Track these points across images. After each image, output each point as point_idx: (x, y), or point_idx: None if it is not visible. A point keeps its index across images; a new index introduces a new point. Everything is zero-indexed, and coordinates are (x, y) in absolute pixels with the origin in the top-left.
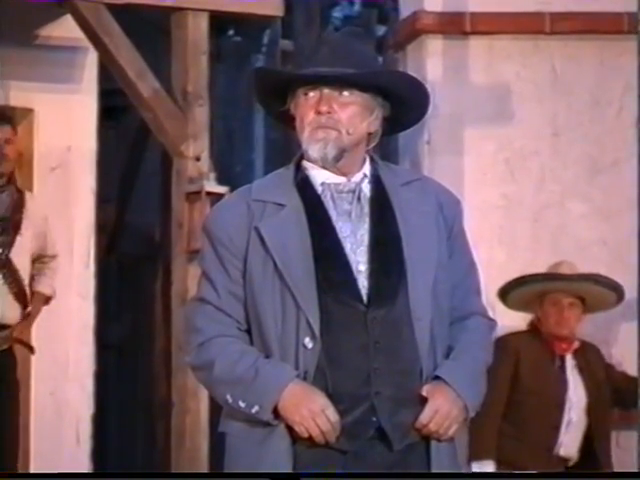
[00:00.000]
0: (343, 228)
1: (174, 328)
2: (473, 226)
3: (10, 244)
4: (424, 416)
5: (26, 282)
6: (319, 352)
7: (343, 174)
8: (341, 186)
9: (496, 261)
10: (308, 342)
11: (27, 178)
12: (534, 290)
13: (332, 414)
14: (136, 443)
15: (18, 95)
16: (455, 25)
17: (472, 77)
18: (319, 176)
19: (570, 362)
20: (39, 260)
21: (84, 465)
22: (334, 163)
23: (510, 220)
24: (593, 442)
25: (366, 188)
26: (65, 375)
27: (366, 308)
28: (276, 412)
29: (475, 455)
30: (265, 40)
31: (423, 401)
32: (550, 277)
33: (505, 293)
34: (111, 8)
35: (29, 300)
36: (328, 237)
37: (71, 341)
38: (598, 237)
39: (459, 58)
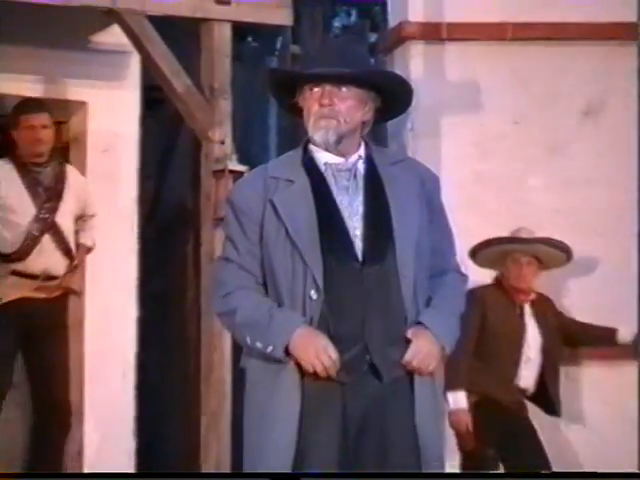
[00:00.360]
0: (342, 200)
1: (203, 281)
2: (449, 198)
3: (55, 209)
4: (408, 354)
5: (70, 239)
6: (322, 302)
7: (342, 155)
8: (340, 165)
9: (468, 226)
10: (313, 294)
11: (82, 158)
12: (498, 251)
13: (333, 352)
14: (172, 377)
15: (74, 90)
16: (434, 33)
17: (448, 75)
18: (322, 157)
19: (528, 310)
20: (81, 219)
21: (129, 395)
22: (335, 146)
23: (480, 192)
24: (545, 375)
25: (361, 167)
26: (114, 319)
27: (361, 266)
28: (287, 351)
29: (450, 386)
30: (278, 45)
31: (408, 342)
32: (511, 240)
33: (474, 253)
34: (151, 18)
35: (74, 254)
36: (330, 208)
37: (119, 290)
38: (552, 207)
39: (437, 60)
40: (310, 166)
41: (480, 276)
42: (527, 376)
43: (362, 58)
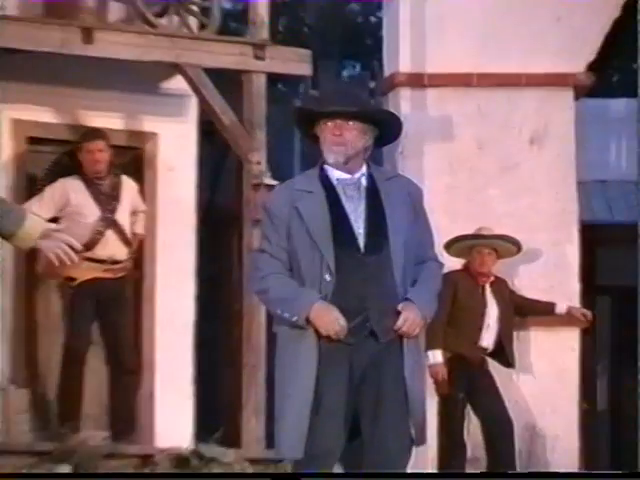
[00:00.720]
0: (349, 206)
1: (244, 267)
2: (429, 204)
3: (114, 210)
4: (399, 322)
5: (128, 231)
6: (334, 283)
7: (349, 172)
8: (348, 180)
9: (442, 226)
10: (327, 277)
11: (154, 175)
12: (466, 244)
13: (342, 321)
14: (221, 339)
15: (148, 124)
16: (417, 81)
17: (429, 112)
18: (334, 174)
19: (488, 289)
20: (134, 214)
21: (189, 353)
22: (343, 166)
23: (452, 200)
24: (502, 338)
25: (363, 181)
26: (178, 296)
27: (363, 256)
28: (307, 320)
29: (429, 346)
30: (301, 89)
31: (398, 313)
32: (475, 236)
33: (448, 246)
34: (205, 70)
35: (132, 242)
36: (339, 212)
37: (182, 274)
38: (506, 210)
39: (420, 101)
40: (325, 181)
41: (452, 263)
42: (488, 338)
43: (364, 99)
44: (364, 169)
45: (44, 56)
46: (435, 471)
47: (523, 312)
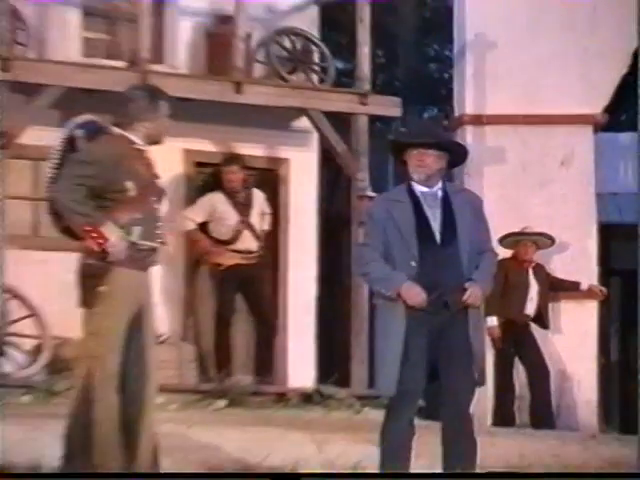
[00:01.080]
0: (428, 212)
1: (352, 255)
2: (487, 209)
3: (248, 215)
4: (466, 295)
5: (258, 229)
6: (417, 268)
7: (429, 187)
8: (428, 192)
9: (497, 226)
10: (413, 263)
11: (287, 190)
12: (514, 239)
13: (424, 295)
14: (334, 308)
15: (282, 152)
16: (478, 120)
17: (487, 143)
18: (418, 188)
19: (530, 272)
20: (262, 216)
21: (312, 317)
22: (425, 182)
23: (504, 207)
24: (540, 307)
25: (439, 193)
26: (303, 276)
27: (439, 248)
28: (398, 295)
29: (487, 313)
30: (393, 127)
31: (464, 290)
32: (521, 234)
33: (501, 241)
34: (323, 112)
35: (261, 236)
36: (422, 217)
37: (306, 261)
38: (543, 214)
39: (480, 135)
40: (411, 193)
41: (504, 253)
42: (530, 307)
43: (439, 133)
44: (440, 184)
45: (206, 103)
46: (489, 420)
47: (556, 288)
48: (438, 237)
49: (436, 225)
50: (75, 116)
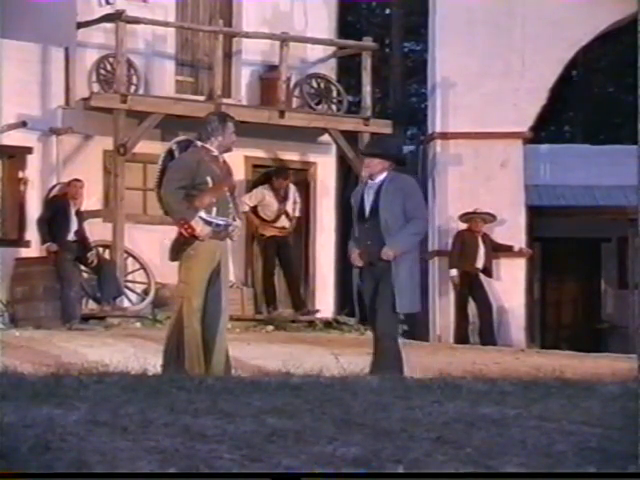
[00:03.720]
0: (366, 197)
1: None
2: (450, 196)
3: (285, 204)
4: (382, 254)
5: (291, 214)
6: (357, 236)
7: (372, 180)
8: (371, 184)
9: (457, 208)
10: (356, 234)
11: (315, 187)
12: (468, 217)
13: (356, 256)
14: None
15: (312, 159)
16: (445, 136)
17: (450, 152)
18: (368, 181)
19: (480, 239)
20: (294, 204)
21: (331, 274)
22: (370, 178)
23: (461, 195)
24: (486, 263)
25: (378, 183)
26: (326, 248)
27: (366, 221)
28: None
29: (450, 266)
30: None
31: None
32: (473, 213)
33: (460, 217)
34: (340, 131)
35: (293, 219)
36: (362, 200)
37: (327, 238)
38: (489, 200)
39: (446, 146)
40: (365, 185)
41: (462, 226)
42: (480, 263)
43: (383, 145)
44: (382, 177)
45: (260, 124)
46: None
47: (497, 250)
48: (367, 214)
49: (367, 205)
50: (169, 134)
